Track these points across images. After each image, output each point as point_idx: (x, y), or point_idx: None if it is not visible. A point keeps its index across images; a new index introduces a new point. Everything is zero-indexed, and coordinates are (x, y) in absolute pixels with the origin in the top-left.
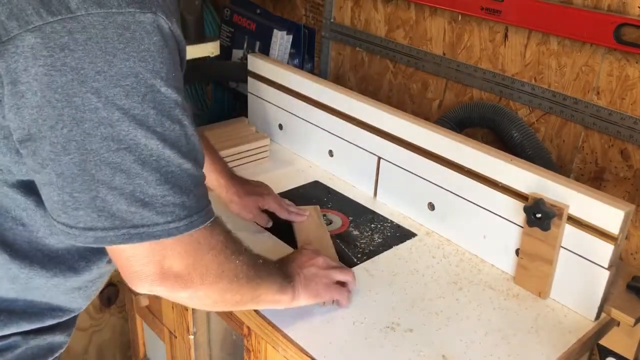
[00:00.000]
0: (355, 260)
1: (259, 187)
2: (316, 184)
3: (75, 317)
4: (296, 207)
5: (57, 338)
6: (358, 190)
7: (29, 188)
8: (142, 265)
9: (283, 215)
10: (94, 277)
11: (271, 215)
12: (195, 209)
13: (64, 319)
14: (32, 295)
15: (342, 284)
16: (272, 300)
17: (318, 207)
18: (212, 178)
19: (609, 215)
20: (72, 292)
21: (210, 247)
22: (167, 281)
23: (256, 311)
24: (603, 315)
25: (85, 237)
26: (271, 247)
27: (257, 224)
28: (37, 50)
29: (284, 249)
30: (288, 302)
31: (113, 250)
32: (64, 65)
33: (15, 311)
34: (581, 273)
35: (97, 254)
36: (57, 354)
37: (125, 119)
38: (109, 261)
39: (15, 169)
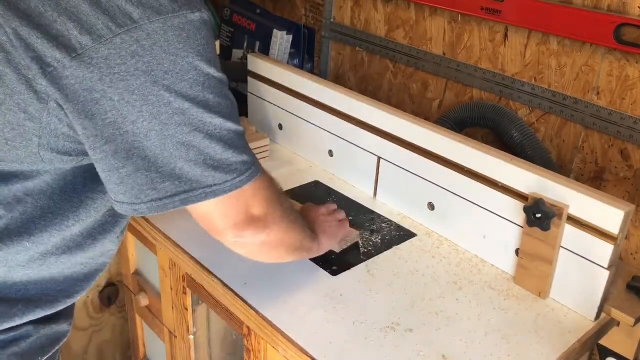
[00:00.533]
0: (355, 260)
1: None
2: (316, 184)
3: (73, 306)
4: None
5: (62, 327)
6: (358, 190)
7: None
8: (226, 217)
9: None
10: (96, 255)
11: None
12: (251, 162)
13: (69, 302)
14: (44, 279)
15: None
16: (310, 248)
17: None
18: None
19: (609, 215)
20: (75, 268)
21: (269, 190)
22: (251, 225)
23: (256, 311)
24: (603, 315)
25: (173, 202)
26: None
27: None
28: (111, 60)
29: None
30: (317, 250)
31: (202, 214)
32: (137, 70)
33: (31, 299)
34: (581, 273)
35: (103, 232)
36: (61, 344)
37: (193, 106)
38: (111, 239)
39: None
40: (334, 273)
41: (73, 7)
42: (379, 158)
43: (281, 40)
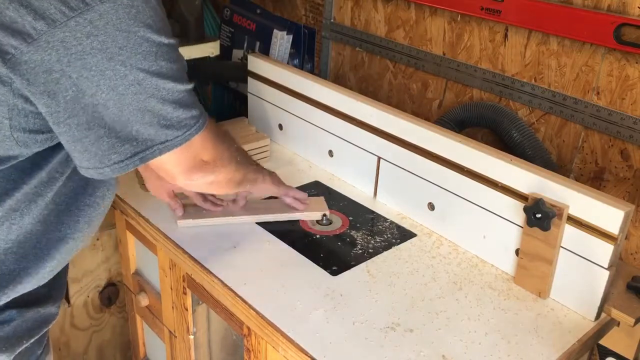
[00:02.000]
0: (355, 260)
1: None
2: (316, 184)
3: (60, 288)
4: (300, 197)
5: (48, 310)
6: (358, 190)
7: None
8: (180, 164)
9: (198, 201)
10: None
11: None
12: (199, 115)
13: (49, 266)
14: (25, 251)
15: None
16: (255, 180)
17: (322, 199)
18: None
19: (609, 215)
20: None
21: (217, 137)
22: (201, 169)
23: (256, 311)
24: (603, 315)
25: (133, 162)
26: (278, 250)
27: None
28: (67, 42)
29: (289, 252)
30: (262, 181)
31: (157, 165)
32: (93, 49)
33: (11, 274)
34: (581, 273)
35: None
36: (49, 326)
37: (148, 76)
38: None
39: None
40: (334, 273)
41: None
42: (379, 158)
43: (281, 40)
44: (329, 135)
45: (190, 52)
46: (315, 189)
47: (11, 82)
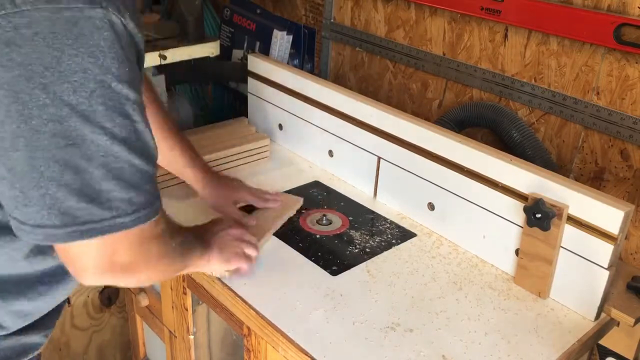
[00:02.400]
0: (355, 260)
1: (232, 181)
2: (316, 184)
3: (50, 318)
4: (271, 194)
5: (32, 339)
6: (358, 190)
7: None
8: (91, 259)
9: (260, 204)
10: (48, 269)
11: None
12: (143, 205)
13: (30, 321)
14: None
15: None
16: (194, 267)
17: (300, 200)
18: (190, 173)
19: (609, 215)
20: (31, 290)
21: (153, 237)
22: (115, 272)
23: (256, 311)
24: (603, 315)
25: (35, 234)
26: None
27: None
28: None
29: (289, 252)
30: (203, 267)
31: (62, 250)
32: (10, 61)
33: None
34: (581, 273)
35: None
36: (32, 355)
37: (73, 115)
38: None
39: None
40: (334, 273)
41: None
42: (379, 158)
43: (281, 40)
44: (329, 135)
45: (190, 52)
46: (315, 189)
47: None
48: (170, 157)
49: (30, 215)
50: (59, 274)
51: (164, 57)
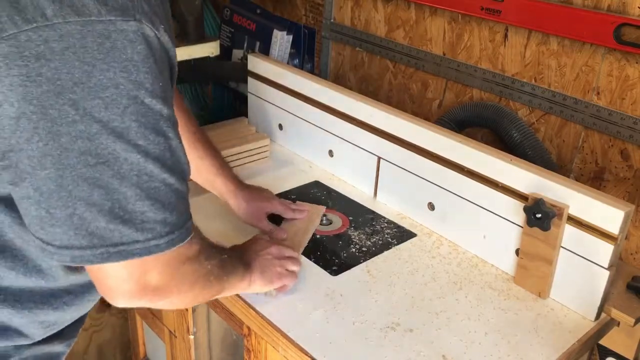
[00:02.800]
0: (355, 260)
1: (263, 192)
2: (316, 184)
3: (74, 327)
4: (296, 204)
5: (56, 348)
6: (358, 190)
7: (9, 203)
8: (122, 282)
9: (289, 215)
10: (77, 282)
11: (276, 218)
12: (177, 225)
13: (54, 330)
14: (20, 312)
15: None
16: (234, 289)
17: (322, 208)
18: (220, 183)
19: (609, 215)
20: (56, 300)
21: (187, 259)
22: (146, 295)
23: (256, 311)
24: (603, 315)
25: (61, 255)
26: None
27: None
28: (11, 59)
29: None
30: (244, 289)
31: (95, 273)
32: (39, 76)
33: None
34: (581, 273)
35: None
36: None
37: (104, 132)
38: None
39: None
40: (334, 273)
41: None
42: (379, 158)
43: (281, 40)
44: (329, 135)
45: (190, 52)
46: (315, 189)
47: None
48: (200, 166)
49: (56, 235)
50: (87, 286)
51: None
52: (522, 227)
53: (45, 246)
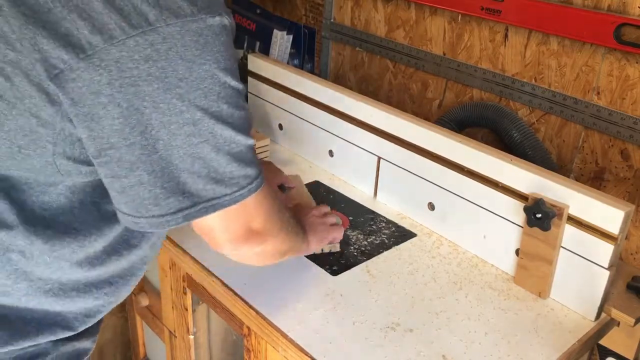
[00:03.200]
0: (355, 260)
1: (270, 165)
2: (316, 184)
3: (99, 323)
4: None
5: (84, 344)
6: (358, 190)
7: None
8: (228, 230)
9: (289, 183)
10: (119, 270)
11: None
12: (254, 176)
13: (90, 322)
14: (61, 306)
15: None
16: (299, 250)
17: (297, 175)
18: None
19: (609, 215)
20: (98, 290)
21: (270, 203)
22: (250, 239)
23: (256, 311)
24: (603, 315)
25: (175, 219)
26: None
27: None
28: (122, 63)
29: None
30: (306, 250)
31: (201, 227)
32: (150, 75)
33: (49, 320)
34: (581, 273)
35: (128, 247)
36: None
37: (205, 117)
38: (138, 254)
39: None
40: (334, 273)
41: (85, 4)
42: (379, 158)
43: (281, 40)
44: (329, 135)
45: None
46: (315, 189)
47: (60, 102)
48: None
49: (171, 204)
50: (127, 275)
51: None
52: (522, 227)
53: (161, 219)
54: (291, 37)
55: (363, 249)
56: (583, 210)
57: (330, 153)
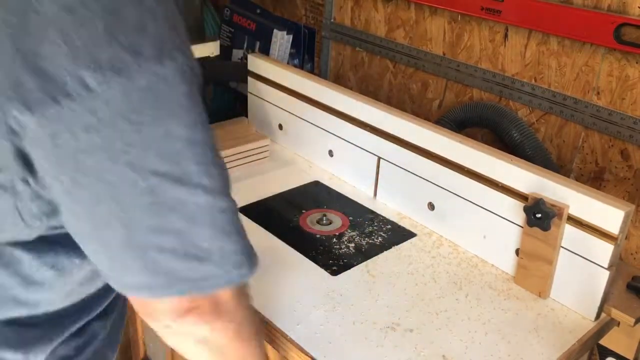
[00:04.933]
0: (355, 260)
1: None
2: (316, 184)
3: (117, 335)
4: None
5: (106, 354)
6: (358, 190)
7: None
8: (171, 312)
9: None
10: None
11: (275, 218)
12: (250, 248)
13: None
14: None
15: None
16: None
17: None
18: None
19: (609, 215)
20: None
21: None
22: (217, 319)
23: (256, 311)
24: (603, 315)
25: (139, 292)
26: (272, 246)
27: None
28: (58, 137)
29: (289, 252)
30: None
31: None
32: (91, 146)
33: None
34: (581, 273)
35: None
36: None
37: (165, 183)
38: None
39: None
40: (334, 273)
41: (10, 76)
42: (379, 158)
43: (281, 40)
44: (329, 135)
45: None
46: (315, 189)
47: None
48: None
49: (135, 282)
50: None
51: None
52: (522, 227)
53: (126, 290)
54: (291, 37)
55: (363, 248)
56: (583, 210)
57: (330, 153)
